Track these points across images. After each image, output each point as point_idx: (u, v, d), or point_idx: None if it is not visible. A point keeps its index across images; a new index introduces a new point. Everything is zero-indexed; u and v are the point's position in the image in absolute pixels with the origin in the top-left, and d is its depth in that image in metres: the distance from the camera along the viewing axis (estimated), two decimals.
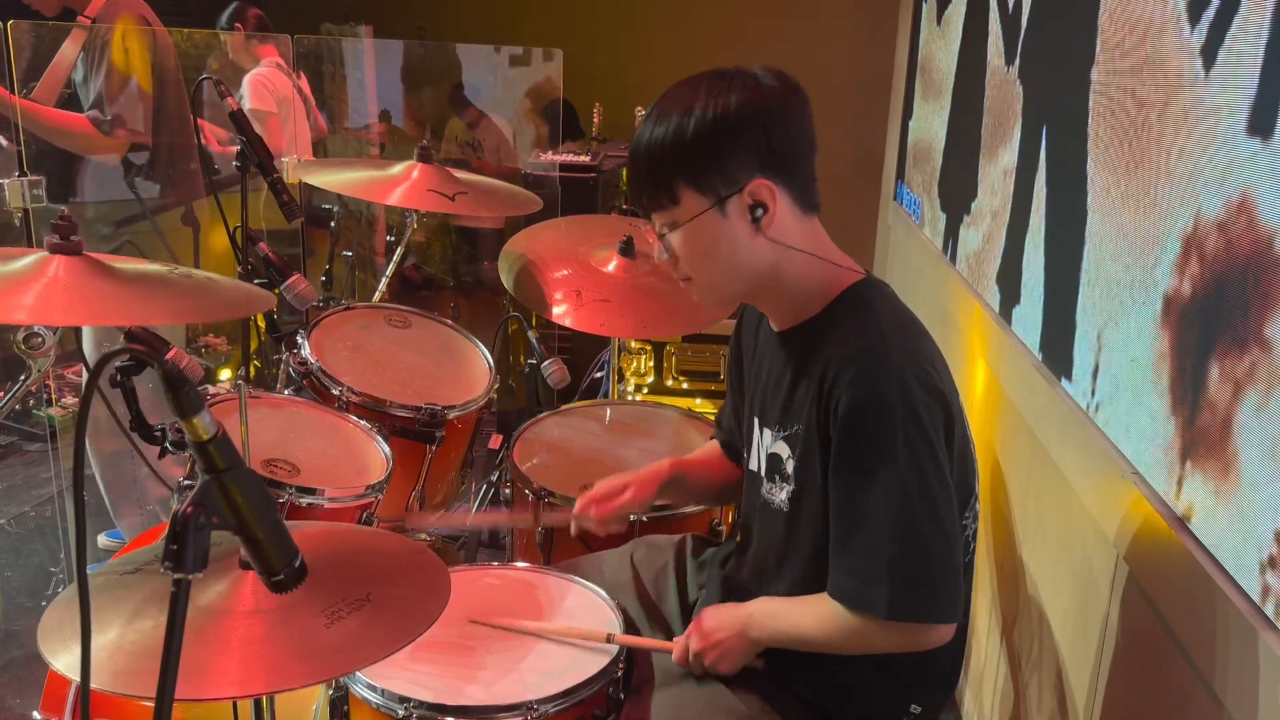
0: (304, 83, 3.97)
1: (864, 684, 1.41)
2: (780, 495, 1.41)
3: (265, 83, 3.71)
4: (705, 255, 1.36)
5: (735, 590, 1.52)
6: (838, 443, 1.28)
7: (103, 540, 3.10)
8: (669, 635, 1.59)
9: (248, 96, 3.62)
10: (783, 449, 1.40)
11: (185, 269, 1.57)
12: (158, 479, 2.85)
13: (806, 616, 1.35)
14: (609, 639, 1.50)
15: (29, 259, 1.41)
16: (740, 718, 1.40)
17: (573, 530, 1.67)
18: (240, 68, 3.76)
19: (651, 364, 3.34)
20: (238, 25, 3.82)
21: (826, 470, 1.32)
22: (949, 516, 1.28)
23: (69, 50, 2.82)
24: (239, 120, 2.14)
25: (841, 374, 1.27)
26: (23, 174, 2.58)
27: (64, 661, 1.04)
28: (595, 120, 4.74)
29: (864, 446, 1.27)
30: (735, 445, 1.66)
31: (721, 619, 1.43)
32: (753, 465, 1.50)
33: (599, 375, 3.47)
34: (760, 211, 1.32)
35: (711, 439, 1.78)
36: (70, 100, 2.84)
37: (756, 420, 1.49)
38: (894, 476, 1.25)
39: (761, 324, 1.52)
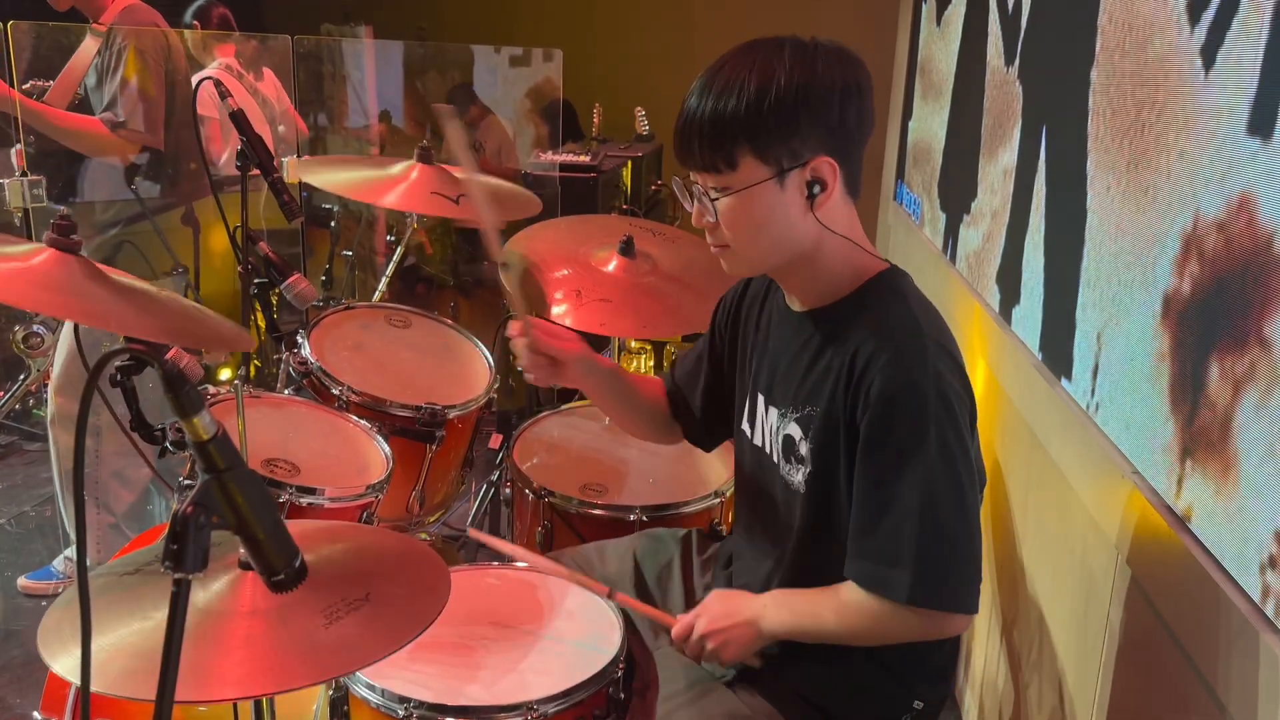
0: (267, 85, 3.89)
1: (867, 681, 1.41)
2: (798, 476, 1.39)
3: (207, 85, 3.65)
4: (752, 225, 1.33)
5: (742, 586, 1.52)
6: (869, 428, 1.27)
7: (23, 581, 2.91)
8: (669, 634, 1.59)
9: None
10: (795, 430, 1.39)
11: (171, 293, 1.57)
12: (121, 487, 2.83)
13: (822, 606, 1.34)
14: (610, 595, 1.51)
15: (25, 247, 1.42)
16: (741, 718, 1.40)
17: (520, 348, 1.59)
18: (202, 65, 3.72)
19: (651, 364, 3.34)
20: (195, 23, 3.79)
21: (850, 454, 1.31)
22: (973, 506, 1.28)
23: (84, 54, 2.82)
24: (239, 120, 2.14)
25: (874, 360, 1.27)
26: (23, 174, 2.58)
27: (64, 664, 1.03)
28: (595, 120, 4.75)
29: (896, 433, 1.26)
30: (683, 400, 1.68)
31: (733, 605, 1.41)
32: (757, 440, 1.49)
33: None
34: (818, 189, 1.30)
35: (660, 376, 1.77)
36: (81, 105, 2.85)
37: (763, 398, 1.48)
38: (924, 464, 1.24)
39: (771, 299, 1.50)
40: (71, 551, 2.94)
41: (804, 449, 1.38)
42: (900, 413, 1.26)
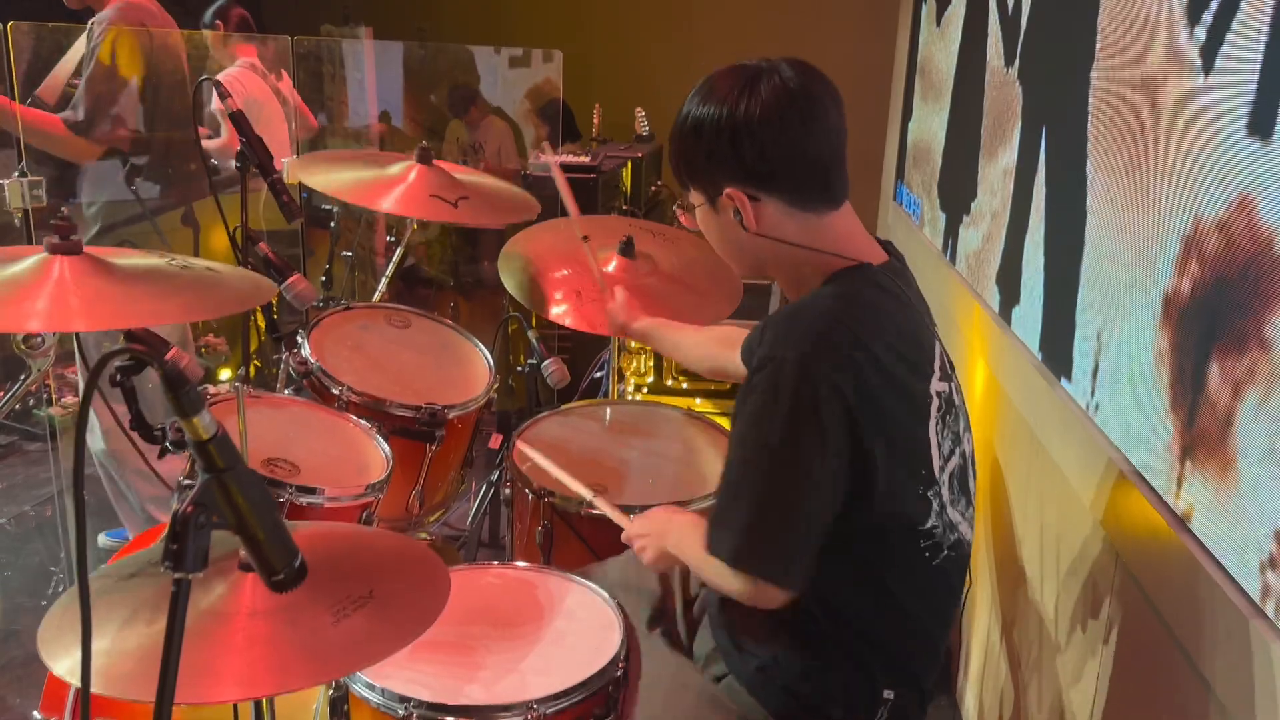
0: (286, 85, 3.94)
1: (837, 672, 1.41)
2: None
3: (233, 83, 3.71)
4: (711, 239, 1.48)
5: None
6: (740, 395, 1.33)
7: (103, 540, 3.09)
8: (674, 635, 1.59)
9: (214, 96, 3.61)
10: None
11: (183, 259, 1.55)
12: (144, 483, 2.85)
13: (693, 546, 1.41)
14: (592, 499, 1.81)
15: (30, 261, 1.41)
16: (725, 713, 1.41)
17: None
18: (221, 65, 3.74)
19: (651, 364, 3.34)
20: (219, 23, 3.82)
21: None
22: (814, 487, 1.29)
23: (76, 50, 2.80)
24: (239, 121, 2.14)
25: (764, 336, 1.33)
26: (23, 174, 2.58)
27: (65, 666, 1.03)
28: (595, 121, 4.75)
29: (754, 398, 1.30)
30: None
31: (653, 525, 1.56)
32: None
33: (599, 375, 3.47)
34: (739, 215, 1.38)
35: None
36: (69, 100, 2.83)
37: None
38: (766, 433, 1.28)
39: None
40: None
41: None
42: (762, 379, 1.29)
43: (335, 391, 2.05)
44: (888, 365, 1.31)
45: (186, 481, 1.70)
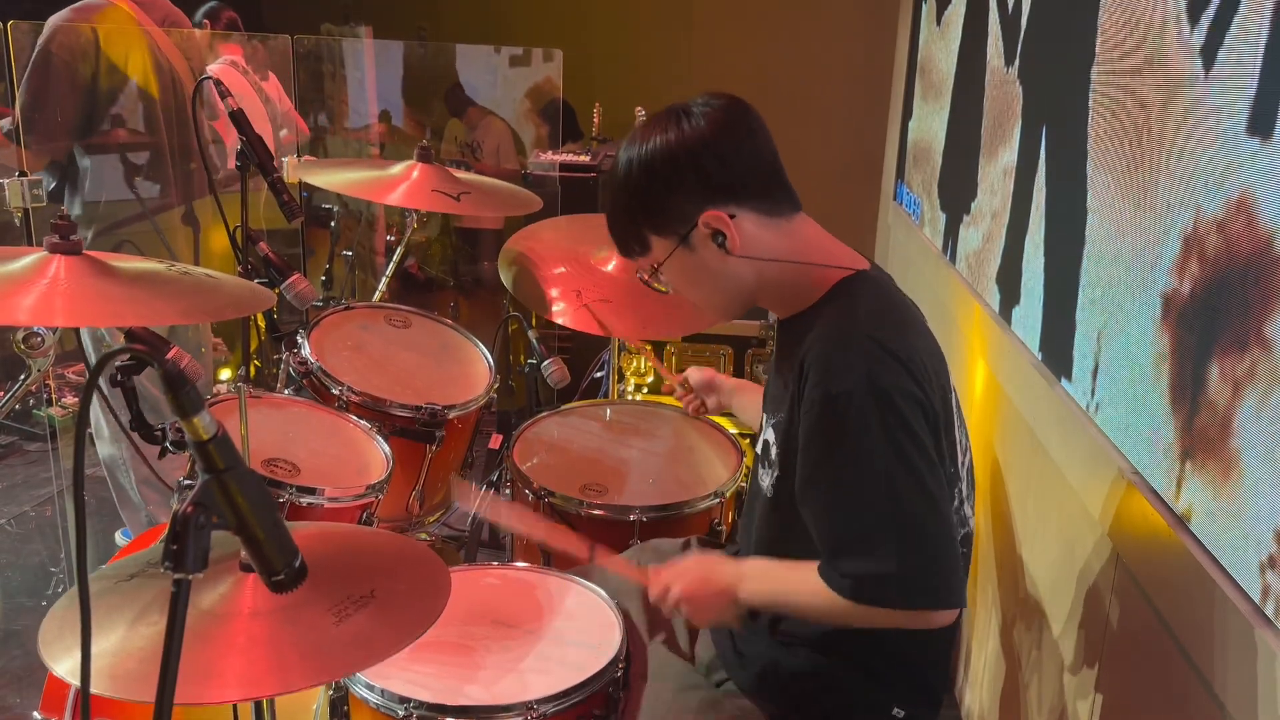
0: (272, 86, 3.93)
1: (848, 685, 1.42)
2: (766, 480, 1.43)
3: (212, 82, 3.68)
4: (692, 285, 1.44)
5: None
6: (812, 438, 1.29)
7: (120, 540, 3.07)
8: (675, 636, 1.59)
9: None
10: (771, 435, 1.43)
11: (183, 266, 1.56)
12: (152, 491, 2.86)
13: (801, 587, 1.32)
14: (590, 557, 1.57)
15: (29, 259, 1.41)
16: (726, 715, 1.41)
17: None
18: (205, 64, 3.74)
19: (651, 364, 3.33)
20: (205, 21, 3.82)
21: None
22: (941, 497, 1.27)
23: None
24: (239, 120, 2.14)
25: (813, 370, 1.29)
26: (23, 174, 2.57)
27: (66, 667, 1.03)
28: (595, 120, 4.75)
29: (838, 441, 1.27)
30: None
31: (710, 572, 1.42)
32: (758, 448, 1.53)
33: (599, 375, 3.47)
34: (721, 238, 1.35)
35: None
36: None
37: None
38: (874, 464, 1.25)
39: None
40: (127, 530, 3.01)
41: (774, 453, 1.41)
42: (837, 420, 1.26)
43: (335, 391, 2.05)
44: (930, 366, 1.33)
45: (186, 482, 1.70)
